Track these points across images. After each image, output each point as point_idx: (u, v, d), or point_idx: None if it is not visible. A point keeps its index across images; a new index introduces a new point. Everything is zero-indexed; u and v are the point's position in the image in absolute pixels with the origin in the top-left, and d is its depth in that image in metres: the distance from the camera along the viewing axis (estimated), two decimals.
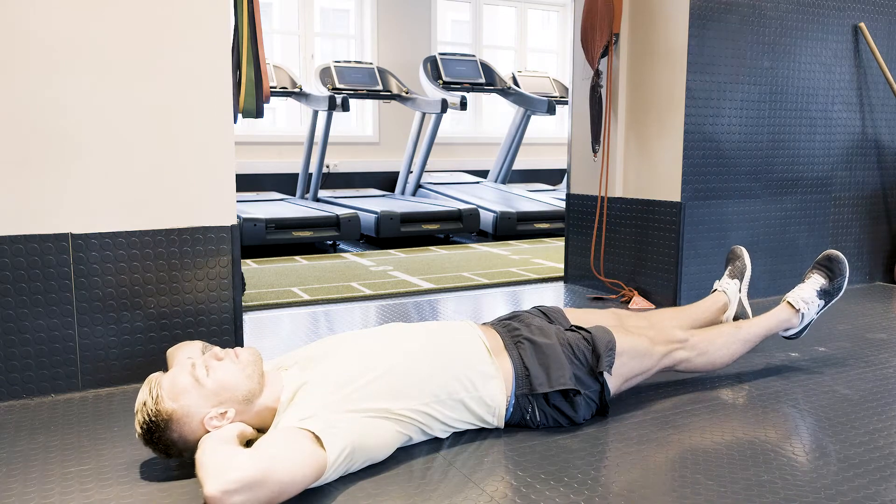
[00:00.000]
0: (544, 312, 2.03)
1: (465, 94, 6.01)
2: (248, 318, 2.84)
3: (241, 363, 1.55)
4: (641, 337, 1.91)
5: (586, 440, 1.71)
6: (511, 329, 1.85)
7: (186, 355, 1.68)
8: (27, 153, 1.94)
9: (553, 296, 3.38)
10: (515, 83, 6.66)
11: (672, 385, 2.11)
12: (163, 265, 2.11)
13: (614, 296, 3.24)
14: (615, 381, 1.83)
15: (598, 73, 3.18)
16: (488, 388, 1.70)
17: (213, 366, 1.53)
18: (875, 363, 2.32)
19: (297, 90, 5.91)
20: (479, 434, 1.72)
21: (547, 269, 4.05)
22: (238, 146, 2.29)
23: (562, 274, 3.71)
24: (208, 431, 1.46)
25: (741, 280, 2.39)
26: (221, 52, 2.14)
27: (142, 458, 1.61)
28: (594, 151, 3.29)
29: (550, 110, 6.29)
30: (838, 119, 3.38)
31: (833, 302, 2.23)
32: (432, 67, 6.21)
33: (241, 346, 2.23)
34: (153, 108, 2.07)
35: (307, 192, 6.24)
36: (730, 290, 2.36)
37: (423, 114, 6.25)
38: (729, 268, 2.44)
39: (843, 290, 2.23)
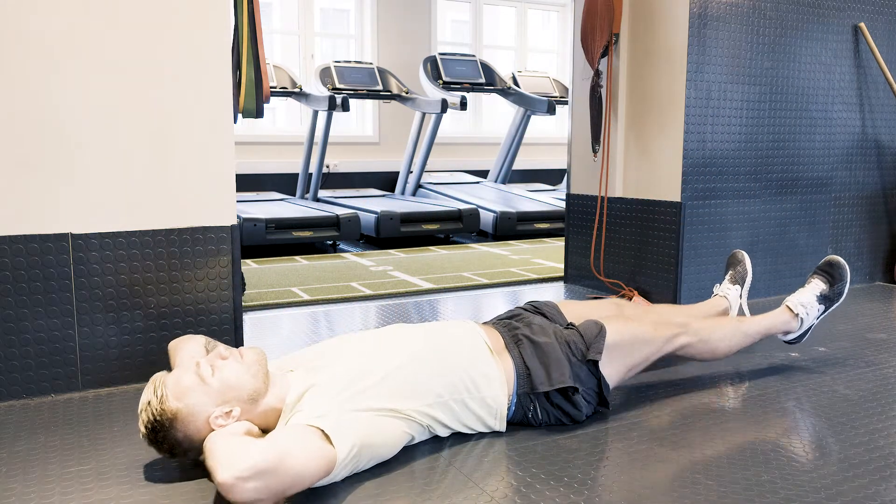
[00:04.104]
0: (541, 311, 2.03)
1: (465, 94, 6.01)
2: (248, 318, 2.84)
3: (247, 363, 1.55)
4: (643, 323, 1.91)
5: (586, 440, 1.71)
6: (512, 328, 1.85)
7: (189, 353, 1.68)
8: (27, 153, 1.94)
9: (553, 296, 3.38)
10: (515, 83, 6.66)
11: (672, 385, 2.11)
12: (163, 265, 2.11)
13: (614, 296, 3.24)
14: (617, 370, 1.83)
15: (598, 73, 3.18)
16: (491, 389, 1.70)
17: (218, 365, 1.53)
18: (875, 363, 2.32)
19: (297, 90, 5.91)
20: (480, 434, 1.72)
21: (547, 269, 4.05)
22: (238, 146, 2.29)
23: (562, 274, 3.71)
24: (213, 430, 1.46)
25: (742, 286, 2.39)
26: (221, 52, 2.14)
27: (142, 459, 1.61)
28: (594, 151, 3.29)
29: (550, 110, 6.29)
30: (838, 119, 3.38)
31: (834, 307, 2.23)
32: (432, 67, 6.21)
33: (242, 346, 2.23)
34: (153, 108, 2.07)
35: (307, 192, 6.24)
36: (731, 295, 2.36)
37: (423, 114, 6.25)
38: (730, 272, 2.43)
39: (843, 296, 2.22)
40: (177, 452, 1.50)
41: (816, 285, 2.22)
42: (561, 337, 1.80)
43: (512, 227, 5.53)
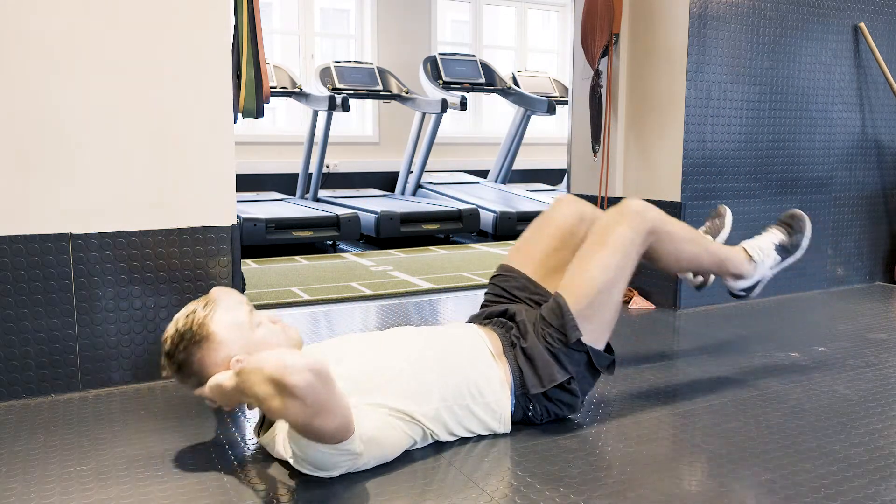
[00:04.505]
0: (516, 296, 1.93)
1: (465, 94, 6.01)
2: None
3: (288, 337, 1.59)
4: (604, 247, 1.74)
5: (586, 440, 1.71)
6: (507, 328, 1.84)
7: (240, 299, 1.64)
8: (27, 153, 1.94)
9: None
10: (515, 83, 6.66)
11: (671, 385, 2.11)
12: (163, 265, 2.11)
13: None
14: (603, 320, 1.75)
15: (598, 73, 3.18)
16: (494, 394, 1.69)
17: (266, 323, 1.58)
18: (875, 363, 2.32)
19: (297, 90, 5.91)
20: (481, 435, 1.72)
21: None
22: (238, 146, 2.29)
23: None
24: (224, 370, 1.47)
25: (715, 239, 2.25)
26: (221, 52, 2.14)
27: (142, 459, 1.61)
28: (594, 151, 3.29)
29: (550, 110, 6.29)
30: (838, 119, 3.38)
31: (789, 261, 2.13)
32: (432, 67, 6.21)
33: None
34: (153, 107, 2.07)
35: (307, 192, 6.24)
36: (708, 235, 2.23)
37: (423, 114, 6.25)
38: (707, 223, 2.29)
39: (801, 250, 2.13)
40: (183, 371, 1.51)
41: (775, 234, 2.13)
42: (539, 334, 1.75)
43: (512, 227, 5.53)
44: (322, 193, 6.28)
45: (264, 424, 1.61)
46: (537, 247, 1.99)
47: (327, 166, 6.65)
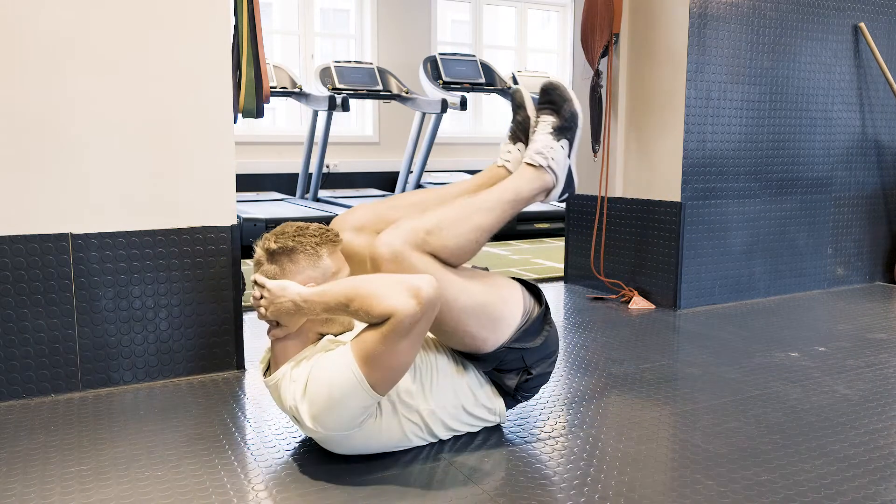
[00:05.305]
0: None
1: (465, 94, 6.01)
2: (249, 318, 2.84)
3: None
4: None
5: (586, 440, 1.71)
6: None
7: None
8: (27, 153, 1.94)
9: (553, 296, 3.38)
10: (515, 83, 6.65)
11: (671, 385, 2.11)
12: (163, 265, 2.11)
13: (614, 296, 3.24)
14: (490, 319, 1.62)
15: (598, 73, 3.18)
16: (486, 392, 1.70)
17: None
18: (875, 363, 2.32)
19: (297, 90, 5.91)
20: (479, 434, 1.72)
21: (547, 269, 4.05)
22: (238, 146, 2.29)
23: (562, 274, 3.71)
24: (297, 287, 1.51)
25: (525, 140, 1.85)
26: (221, 52, 2.14)
27: (142, 458, 1.61)
28: (594, 151, 3.29)
29: None
30: (838, 119, 3.38)
31: (577, 135, 1.81)
32: (432, 67, 6.21)
33: (242, 345, 2.24)
34: (153, 108, 2.07)
35: (307, 192, 6.24)
36: (513, 158, 1.86)
37: (423, 114, 6.24)
38: (510, 126, 1.89)
39: (578, 118, 1.80)
40: (277, 254, 1.55)
41: (545, 123, 1.79)
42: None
43: (512, 227, 5.52)
44: (322, 193, 6.28)
45: (270, 367, 1.63)
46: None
47: (327, 166, 6.64)
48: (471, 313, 1.58)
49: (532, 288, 1.77)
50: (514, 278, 1.78)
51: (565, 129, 1.78)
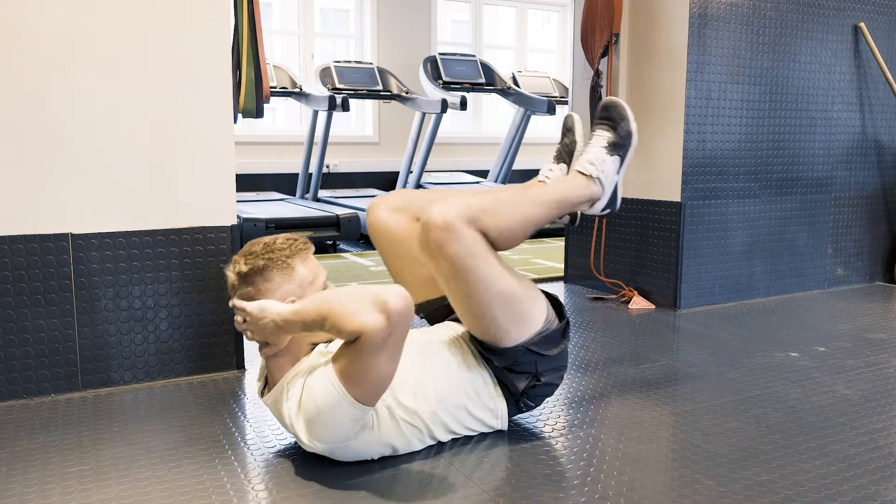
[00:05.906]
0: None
1: (465, 94, 6.01)
2: None
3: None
4: (463, 268, 1.55)
5: (586, 440, 1.71)
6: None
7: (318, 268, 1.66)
8: (27, 153, 1.94)
9: None
10: (515, 83, 6.65)
11: (671, 385, 2.11)
12: (163, 265, 2.11)
13: (614, 296, 3.24)
14: (517, 316, 1.65)
15: (598, 73, 3.18)
16: (487, 390, 1.70)
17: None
18: (875, 363, 2.32)
19: (297, 90, 5.91)
20: (480, 434, 1.72)
21: (547, 269, 4.05)
22: (238, 146, 2.29)
23: (562, 274, 3.71)
24: (277, 301, 1.54)
25: (568, 163, 1.91)
26: (221, 52, 2.14)
27: (142, 458, 1.61)
28: None
29: (550, 110, 6.29)
30: (838, 119, 3.38)
31: (629, 154, 1.87)
32: (432, 67, 6.21)
33: (242, 345, 2.24)
34: (153, 108, 2.07)
35: (307, 192, 6.24)
36: (553, 178, 1.90)
37: (423, 114, 6.24)
38: (557, 147, 1.95)
39: (634, 136, 1.87)
40: (249, 276, 1.56)
41: (600, 136, 1.86)
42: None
43: None
44: (322, 193, 6.28)
45: (267, 385, 1.63)
46: (407, 275, 1.87)
47: (327, 166, 6.64)
48: (503, 301, 1.61)
49: (556, 302, 1.81)
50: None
51: (619, 146, 1.85)
